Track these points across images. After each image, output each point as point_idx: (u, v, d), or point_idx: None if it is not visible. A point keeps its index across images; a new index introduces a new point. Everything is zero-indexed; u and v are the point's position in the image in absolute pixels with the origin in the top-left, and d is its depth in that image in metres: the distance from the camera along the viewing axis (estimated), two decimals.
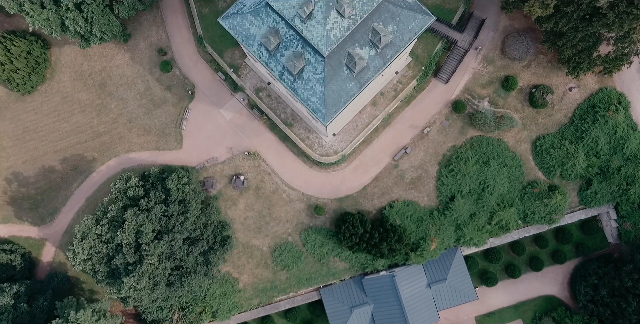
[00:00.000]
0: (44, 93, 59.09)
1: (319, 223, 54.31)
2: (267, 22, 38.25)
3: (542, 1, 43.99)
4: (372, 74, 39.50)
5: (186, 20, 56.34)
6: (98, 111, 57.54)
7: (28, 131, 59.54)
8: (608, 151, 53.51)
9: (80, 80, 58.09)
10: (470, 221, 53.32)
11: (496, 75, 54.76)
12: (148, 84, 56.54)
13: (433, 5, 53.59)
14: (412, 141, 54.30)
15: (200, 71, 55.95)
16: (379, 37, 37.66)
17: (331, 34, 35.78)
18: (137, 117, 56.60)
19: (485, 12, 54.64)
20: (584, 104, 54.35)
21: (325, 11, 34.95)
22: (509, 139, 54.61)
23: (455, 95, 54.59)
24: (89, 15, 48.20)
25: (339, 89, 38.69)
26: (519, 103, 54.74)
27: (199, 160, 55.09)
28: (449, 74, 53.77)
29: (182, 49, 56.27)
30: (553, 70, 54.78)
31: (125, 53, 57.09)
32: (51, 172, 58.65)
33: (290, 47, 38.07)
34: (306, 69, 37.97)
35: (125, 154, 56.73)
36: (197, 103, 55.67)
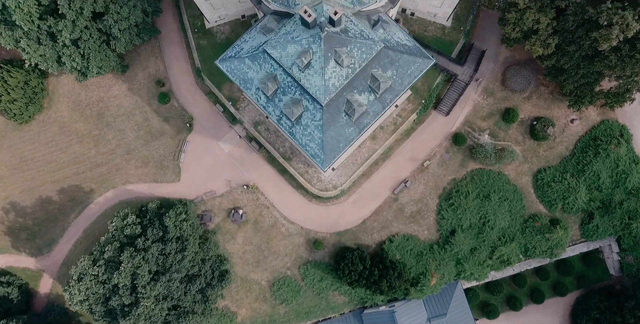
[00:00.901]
0: (42, 122, 58.67)
1: (318, 257, 53.83)
2: (264, 67, 37.80)
3: (543, 40, 43.48)
4: (371, 119, 39.03)
5: (184, 51, 55.89)
6: (96, 141, 57.11)
7: (25, 161, 59.11)
8: (610, 185, 53.00)
9: (78, 110, 57.66)
10: (471, 255, 52.81)
11: (497, 108, 54.27)
12: (146, 116, 56.09)
13: (433, 37, 53.15)
14: (412, 174, 53.80)
15: (198, 103, 55.51)
16: (378, 83, 37.21)
17: (330, 83, 35.32)
18: (135, 149, 56.15)
19: (486, 43, 54.17)
20: (585, 136, 53.85)
21: (324, 61, 34.49)
22: (510, 171, 54.11)
23: (455, 127, 54.10)
24: (86, 51, 47.79)
25: (338, 134, 38.23)
26: (520, 135, 54.24)
27: (197, 193, 54.63)
28: (449, 106, 53.28)
29: (180, 80, 55.82)
30: (554, 102, 54.30)
31: (123, 83, 56.66)
32: (48, 202, 58.20)
33: (288, 93, 37.61)
34: (304, 115, 37.51)
35: (123, 186, 56.28)
36: (195, 135, 55.21)
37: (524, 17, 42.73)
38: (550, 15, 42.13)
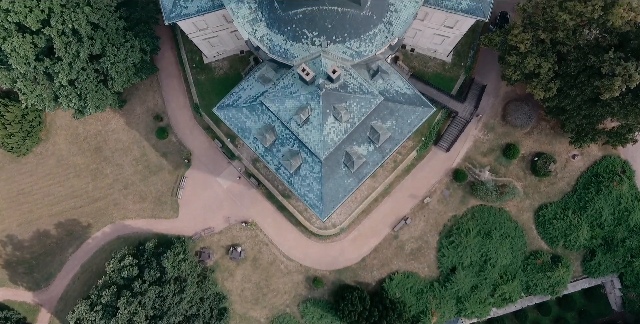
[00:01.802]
0: (39, 155, 58.27)
1: (317, 295, 53.36)
2: (262, 118, 37.37)
3: (544, 84, 42.99)
4: (370, 168, 38.59)
5: (183, 85, 55.46)
6: (94, 175, 56.68)
7: (23, 193, 58.70)
8: (612, 222, 52.51)
9: (76, 143, 57.25)
10: (472, 293, 52.33)
11: (497, 143, 53.80)
12: (144, 150, 55.66)
13: (433, 73, 52.68)
14: (412, 211, 53.31)
15: (196, 138, 55.07)
16: (378, 135, 36.77)
17: (328, 138, 34.88)
18: (132, 184, 55.72)
19: (486, 78, 53.70)
20: (587, 172, 53.38)
21: (322, 118, 34.05)
22: (511, 208, 53.61)
23: (456, 163, 53.61)
24: (83, 91, 47.34)
25: (337, 185, 37.77)
26: (521, 171, 53.75)
27: (196, 230, 54.18)
28: (449, 142, 52.78)
29: (178, 114, 55.39)
30: (556, 137, 53.82)
31: (120, 117, 56.23)
32: (46, 236, 57.79)
33: (286, 145, 37.17)
34: (303, 167, 37.06)
35: (121, 221, 55.85)
36: (193, 171, 54.77)
37: (524, 61, 42.27)
38: (552, 59, 41.67)
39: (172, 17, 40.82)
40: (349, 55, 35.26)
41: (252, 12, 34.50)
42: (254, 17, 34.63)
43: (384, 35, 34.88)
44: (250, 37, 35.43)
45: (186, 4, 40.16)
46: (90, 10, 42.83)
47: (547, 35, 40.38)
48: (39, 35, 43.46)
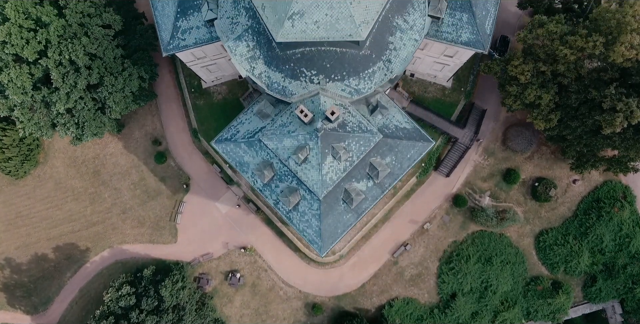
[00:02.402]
0: (37, 177, 57.99)
1: (317, 322, 53.04)
2: (260, 154, 37.07)
3: (545, 115, 42.68)
4: (370, 203, 38.29)
5: (181, 110, 55.18)
6: (92, 199, 56.39)
7: (21, 216, 58.43)
8: (613, 248, 52.18)
9: (74, 166, 56.97)
10: (472, 320, 52.01)
11: (497, 168, 53.48)
12: (142, 175, 55.36)
13: (433, 98, 52.38)
14: (412, 236, 52.99)
15: (195, 162, 54.77)
16: (377, 172, 36.47)
17: (327, 177, 34.58)
18: (131, 208, 55.41)
19: (486, 102, 53.40)
20: (588, 197, 53.06)
21: (321, 158, 33.75)
22: (511, 233, 53.28)
23: (456, 188, 53.29)
24: (80, 119, 47.05)
25: (336, 221, 37.47)
26: (522, 196, 53.43)
27: (194, 255, 53.86)
28: (449, 168, 52.46)
29: (177, 139, 55.10)
30: (556, 162, 53.50)
31: (119, 141, 55.96)
32: (44, 260, 57.49)
33: (285, 181, 36.87)
34: (301, 204, 36.77)
35: (119, 246, 55.54)
36: (192, 196, 54.46)
37: (525, 92, 41.96)
38: (553, 90, 41.34)
39: (170, 48, 40.54)
40: (348, 93, 34.97)
41: (250, 49, 34.21)
42: (252, 54, 34.33)
43: (383, 73, 34.59)
44: (248, 74, 35.13)
45: (184, 36, 39.86)
46: (88, 41, 42.53)
47: (547, 68, 40.05)
48: (35, 65, 43.22)
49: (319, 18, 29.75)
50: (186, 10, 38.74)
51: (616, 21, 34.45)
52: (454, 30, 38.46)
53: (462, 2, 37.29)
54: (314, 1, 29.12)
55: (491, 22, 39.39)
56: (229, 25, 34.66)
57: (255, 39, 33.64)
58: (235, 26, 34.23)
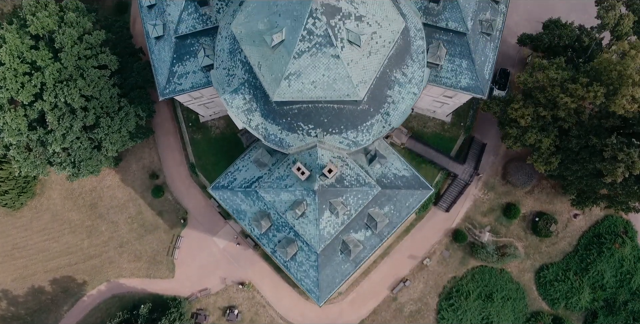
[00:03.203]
0: (34, 209, 57.63)
1: None
2: (258, 204, 36.67)
3: (545, 159, 42.23)
4: (368, 252, 37.89)
5: (179, 143, 54.79)
6: (89, 232, 55.98)
7: (17, 248, 58.03)
8: (614, 284, 51.70)
9: (71, 198, 56.57)
10: None
11: (497, 203, 53.04)
12: (139, 208, 54.96)
13: (432, 133, 51.97)
14: (411, 272, 52.52)
15: (193, 196, 54.36)
16: (375, 223, 36.03)
17: (325, 232, 34.16)
18: (128, 242, 55.00)
19: (486, 136, 53.00)
20: (589, 232, 52.61)
21: (318, 213, 33.33)
22: (512, 268, 52.80)
23: (455, 223, 52.84)
24: (77, 159, 46.64)
25: (334, 271, 37.04)
26: (522, 231, 52.97)
27: (192, 290, 53.41)
28: (449, 203, 52.02)
29: (174, 172, 54.69)
30: (557, 196, 53.05)
31: (116, 174, 55.58)
32: (41, 292, 57.06)
33: (282, 231, 36.47)
34: (299, 254, 36.36)
35: (116, 279, 55.10)
36: (189, 230, 54.04)
37: (525, 136, 41.53)
38: (553, 134, 40.89)
39: (166, 93, 40.17)
40: (346, 145, 34.54)
41: (247, 102, 33.79)
42: (249, 107, 33.92)
43: (382, 125, 34.17)
44: (245, 125, 34.71)
45: (180, 81, 39.48)
46: (84, 83, 42.15)
47: (548, 112, 39.61)
48: (31, 106, 42.86)
49: (316, 78, 29.34)
50: (182, 56, 38.37)
51: (617, 73, 34.01)
52: (454, 75, 38.07)
53: (462, 49, 36.88)
54: (311, 62, 28.72)
55: (490, 67, 39.01)
56: (226, 76, 34.26)
57: (252, 92, 33.23)
58: (232, 78, 33.83)
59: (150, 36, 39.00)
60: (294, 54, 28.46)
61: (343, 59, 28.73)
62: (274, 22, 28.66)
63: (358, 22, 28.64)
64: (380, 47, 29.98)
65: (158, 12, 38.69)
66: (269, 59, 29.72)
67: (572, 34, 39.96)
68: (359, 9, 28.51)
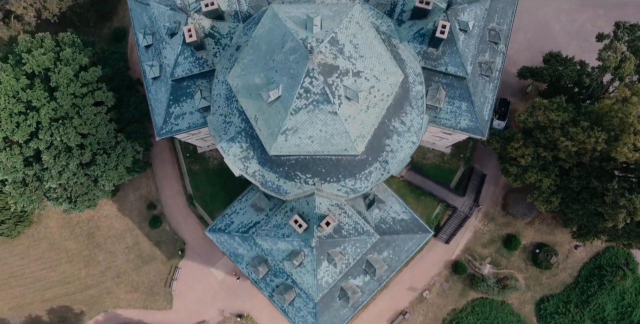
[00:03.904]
0: (31, 237, 57.29)
1: None
2: (255, 249, 36.29)
3: (545, 198, 41.82)
4: (367, 297, 37.55)
5: (177, 173, 54.38)
6: (86, 262, 55.60)
7: (14, 276, 57.67)
8: (615, 317, 51.25)
9: (68, 227, 56.21)
10: None
11: (498, 234, 52.61)
12: (137, 239, 54.59)
13: (432, 165, 51.58)
14: (411, 304, 52.08)
15: (190, 226, 53.96)
16: (374, 269, 35.63)
17: (322, 281, 33.76)
18: (125, 273, 54.61)
19: (486, 166, 52.58)
20: (589, 264, 52.15)
21: (316, 264, 32.92)
22: (513, 300, 52.34)
23: (455, 255, 52.41)
24: (73, 194, 46.29)
25: (332, 317, 36.64)
26: (523, 262, 52.52)
27: (189, 322, 53.01)
28: (449, 234, 51.59)
29: (172, 202, 54.31)
30: (557, 227, 52.59)
31: (113, 204, 55.21)
32: (38, 322, 56.69)
33: (280, 277, 36.08)
34: (297, 300, 35.93)
35: (114, 310, 54.73)
36: (187, 261, 53.67)
37: (525, 175, 41.13)
38: (554, 174, 40.50)
39: (163, 133, 39.74)
40: (344, 192, 34.13)
41: (244, 150, 33.40)
42: (245, 155, 33.54)
43: (380, 173, 33.76)
44: (242, 173, 34.33)
45: (177, 121, 39.07)
46: (80, 121, 41.72)
47: (548, 153, 39.21)
48: (27, 144, 42.45)
49: (313, 134, 28.95)
50: (179, 97, 37.98)
51: (619, 120, 33.60)
52: (453, 117, 37.66)
53: (461, 92, 36.49)
54: (308, 118, 28.32)
55: (489, 107, 38.58)
56: (222, 123, 33.88)
57: (249, 141, 32.84)
58: (229, 126, 33.44)
59: (147, 77, 38.61)
60: (290, 110, 28.07)
61: (341, 115, 28.34)
62: (270, 78, 28.28)
63: (356, 77, 28.25)
64: (379, 100, 29.60)
65: (155, 53, 38.32)
66: (266, 113, 29.34)
67: (572, 74, 39.57)
68: (357, 64, 28.11)
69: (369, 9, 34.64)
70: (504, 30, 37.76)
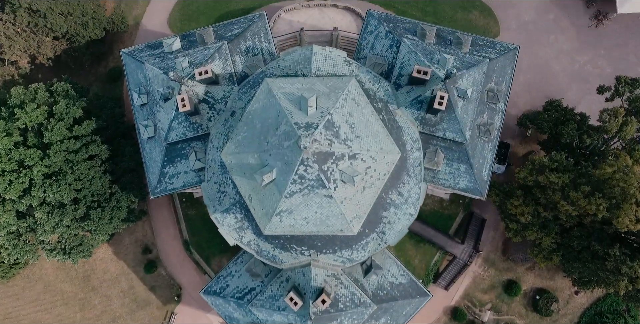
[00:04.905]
0: (26, 278, 56.69)
1: None
2: (250, 316, 35.65)
3: (545, 255, 41.23)
4: None
5: (173, 216, 53.78)
6: (82, 305, 55.01)
7: (9, 318, 57.06)
8: None
9: (63, 269, 55.62)
10: None
11: (498, 279, 51.97)
12: (132, 283, 53.98)
13: (430, 211, 50.94)
14: None
15: (187, 271, 53.34)
16: None
17: None
18: (120, 317, 54.01)
19: (485, 210, 51.93)
20: (590, 310, 51.51)
21: None
22: None
23: (454, 301, 51.76)
24: (67, 246, 45.73)
25: None
26: (523, 308, 51.89)
27: None
28: (448, 281, 50.95)
29: (168, 246, 53.71)
30: (558, 272, 51.89)
31: (109, 247, 54.62)
32: None
33: None
34: None
35: None
36: (183, 306, 53.04)
37: (525, 233, 40.55)
38: (554, 232, 39.90)
39: (157, 192, 39.21)
40: (341, 262, 33.54)
41: (238, 221, 32.83)
42: (240, 225, 32.95)
43: (377, 243, 33.19)
44: (237, 242, 33.75)
45: (172, 181, 38.52)
46: (73, 177, 41.12)
47: (548, 213, 38.62)
48: (20, 200, 41.85)
49: (309, 215, 28.38)
50: (173, 159, 37.45)
51: (620, 189, 32.98)
52: (451, 177, 37.11)
53: (460, 155, 35.94)
54: (303, 201, 27.76)
55: (488, 167, 38.06)
56: (217, 193, 33.30)
57: (244, 213, 32.26)
58: (223, 196, 32.85)
59: (142, 136, 38.05)
60: (285, 193, 27.50)
61: (336, 198, 27.78)
62: (264, 160, 27.72)
63: (352, 160, 27.68)
64: (375, 180, 29.04)
65: (149, 112, 37.78)
66: (260, 194, 28.79)
67: (573, 134, 38.94)
68: (353, 146, 27.55)
69: (366, 73, 34.08)
70: (502, 90, 37.20)
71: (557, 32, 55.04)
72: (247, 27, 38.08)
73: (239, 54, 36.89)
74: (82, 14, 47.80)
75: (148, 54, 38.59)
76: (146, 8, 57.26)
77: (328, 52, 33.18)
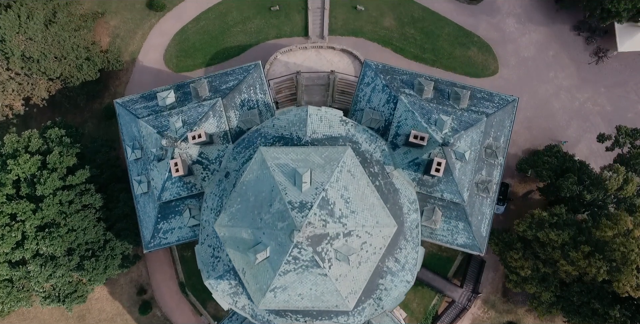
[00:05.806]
0: (21, 316, 56.07)
1: None
2: None
3: (545, 308, 40.65)
4: None
5: (169, 256, 53.19)
6: None
7: None
8: None
9: (59, 308, 54.92)
10: None
11: (498, 321, 51.34)
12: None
13: (429, 254, 50.20)
14: None
15: (182, 312, 52.77)
16: None
17: None
18: None
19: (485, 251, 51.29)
20: None
21: None
22: None
23: None
24: (62, 293, 45.16)
25: None
26: None
27: None
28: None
29: (163, 287, 53.11)
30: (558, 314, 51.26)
31: (104, 287, 53.96)
32: None
33: None
34: None
35: None
36: None
37: (525, 285, 39.98)
38: (553, 285, 39.33)
39: (151, 246, 38.67)
40: None
41: (232, 287, 32.24)
42: (235, 291, 32.37)
43: (374, 308, 32.61)
44: (231, 306, 33.18)
45: (165, 236, 38.04)
46: (67, 229, 40.57)
47: (548, 269, 38.06)
48: (13, 252, 41.29)
49: (303, 292, 27.85)
50: (167, 215, 36.92)
51: (621, 253, 32.41)
52: (450, 234, 36.58)
53: (458, 213, 35.40)
54: (297, 278, 27.21)
55: (487, 222, 37.47)
56: (210, 258, 32.74)
57: (238, 279, 31.68)
58: (217, 261, 32.30)
59: (136, 192, 37.52)
60: (279, 272, 26.96)
61: (331, 276, 27.23)
62: (258, 237, 27.20)
63: (347, 238, 27.16)
64: (371, 254, 28.51)
65: (143, 167, 37.23)
66: (254, 269, 28.26)
67: (573, 188, 38.35)
68: (348, 223, 27.02)
69: (362, 132, 33.56)
70: (501, 146, 36.64)
71: (557, 69, 54.49)
72: (243, 79, 37.55)
73: (233, 109, 36.36)
74: (76, 57, 47.26)
75: (142, 107, 38.06)
76: (143, 43, 56.65)
77: (323, 112, 32.66)
